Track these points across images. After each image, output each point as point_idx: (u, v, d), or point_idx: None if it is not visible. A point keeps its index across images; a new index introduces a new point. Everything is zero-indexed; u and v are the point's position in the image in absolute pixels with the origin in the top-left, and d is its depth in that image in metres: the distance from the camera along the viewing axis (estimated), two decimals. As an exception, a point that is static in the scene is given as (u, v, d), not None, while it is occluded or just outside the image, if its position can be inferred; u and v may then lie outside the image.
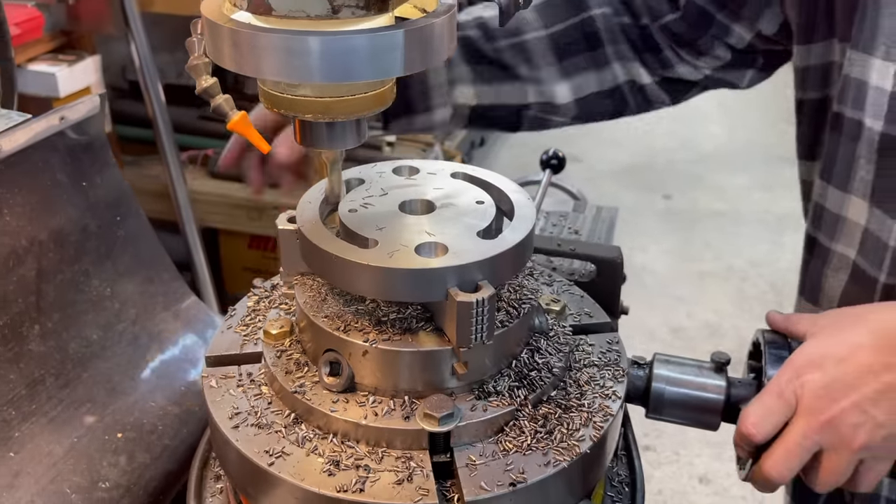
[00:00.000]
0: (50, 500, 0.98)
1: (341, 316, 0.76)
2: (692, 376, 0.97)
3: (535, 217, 0.78)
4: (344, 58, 0.62)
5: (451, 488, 0.71)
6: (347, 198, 0.81)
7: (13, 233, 1.04)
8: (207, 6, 0.66)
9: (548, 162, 1.43)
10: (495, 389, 0.76)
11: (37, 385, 1.04)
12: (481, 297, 0.68)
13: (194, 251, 2.84)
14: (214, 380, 0.80)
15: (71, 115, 1.12)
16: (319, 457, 0.71)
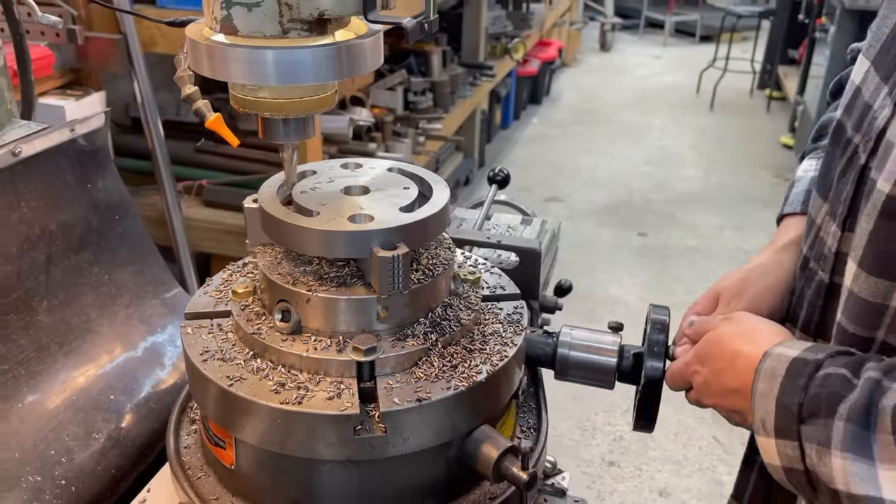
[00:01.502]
0: (51, 445, 1.16)
1: (292, 274, 0.96)
2: (591, 342, 1.16)
3: (447, 200, 0.99)
4: (291, 66, 0.83)
5: (373, 408, 0.90)
6: (301, 184, 1.02)
7: (29, 222, 1.24)
8: (191, 30, 0.88)
9: (494, 178, 1.63)
10: (412, 333, 0.95)
11: (43, 350, 1.23)
12: (398, 254, 0.88)
13: (187, 274, 3.04)
14: (191, 328, 1.00)
15: (80, 128, 1.33)
16: (269, 381, 0.90)
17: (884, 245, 0.87)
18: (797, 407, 0.83)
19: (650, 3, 10.62)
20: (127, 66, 2.74)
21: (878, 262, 0.88)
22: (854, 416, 0.78)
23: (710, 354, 1.01)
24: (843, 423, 0.78)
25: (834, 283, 0.99)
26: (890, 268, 0.87)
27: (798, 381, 0.84)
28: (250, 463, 0.95)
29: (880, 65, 0.92)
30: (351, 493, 0.93)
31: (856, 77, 0.98)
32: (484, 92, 5.33)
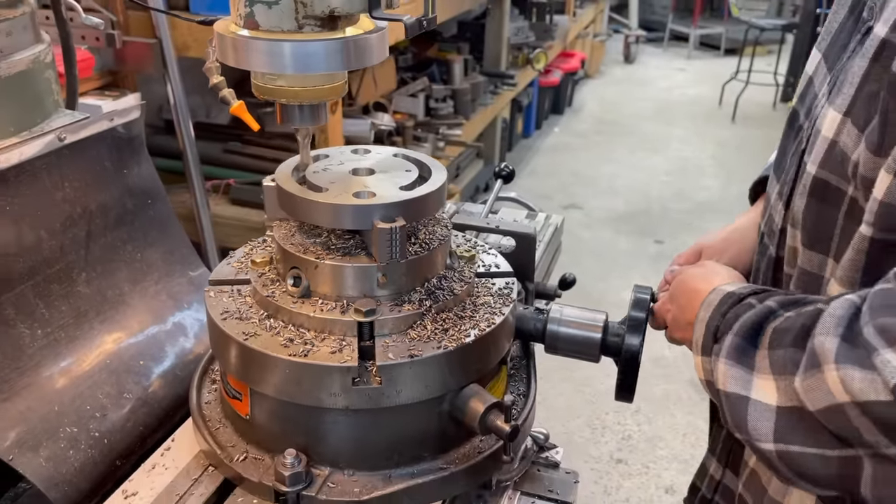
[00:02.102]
0: (86, 401, 1.28)
1: (303, 244, 1.07)
2: (578, 319, 1.26)
3: (443, 181, 1.10)
4: (305, 57, 0.95)
5: (371, 364, 1.00)
6: (314, 165, 1.14)
7: (71, 202, 1.37)
8: (219, 25, 1.00)
9: (499, 173, 1.73)
10: (409, 299, 1.06)
11: (81, 317, 1.35)
12: (395, 226, 0.99)
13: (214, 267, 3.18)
14: (213, 292, 1.12)
15: (118, 118, 1.46)
16: (280, 337, 1.02)
17: (814, 222, 0.97)
18: (714, 328, 0.94)
19: (675, 17, 10.68)
20: (161, 69, 2.88)
21: (811, 237, 0.98)
22: (742, 332, 0.90)
23: (676, 293, 1.15)
24: (733, 337, 0.91)
25: (779, 258, 1.09)
26: (821, 243, 0.97)
27: (721, 308, 0.96)
28: (263, 413, 1.06)
29: (828, 56, 1.01)
30: (352, 441, 1.03)
31: (809, 68, 1.07)
32: (505, 100, 5.45)
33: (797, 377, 0.82)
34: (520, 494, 1.38)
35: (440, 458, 1.07)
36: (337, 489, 1.02)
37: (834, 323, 0.79)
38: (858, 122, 0.88)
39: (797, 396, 0.82)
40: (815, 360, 0.80)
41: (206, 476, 1.09)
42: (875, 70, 0.87)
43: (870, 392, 0.74)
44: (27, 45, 1.31)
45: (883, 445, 0.76)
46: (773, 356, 0.86)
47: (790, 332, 0.85)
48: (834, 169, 0.93)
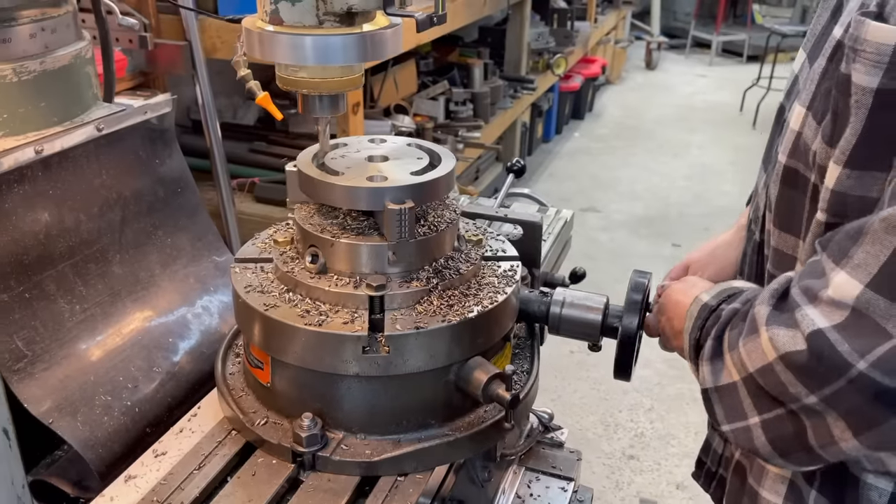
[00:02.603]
0: (120, 373, 1.38)
1: (321, 224, 1.16)
2: (580, 301, 1.33)
3: (451, 168, 1.18)
4: (325, 49, 1.04)
5: (380, 335, 1.08)
6: (333, 152, 1.22)
7: (107, 188, 1.47)
8: (246, 21, 1.09)
9: (511, 168, 1.81)
10: (417, 277, 1.14)
11: (115, 296, 1.45)
12: (405, 207, 1.07)
13: (237, 262, 3.29)
14: (238, 268, 1.21)
15: (151, 111, 1.56)
16: (298, 309, 1.10)
17: (786, 206, 1.06)
18: (696, 339, 1.05)
19: (697, 23, 10.70)
20: (191, 70, 2.99)
21: (783, 221, 1.07)
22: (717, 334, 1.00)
23: (664, 306, 1.23)
24: (710, 341, 1.01)
25: (762, 241, 1.18)
26: (791, 225, 1.06)
27: (699, 321, 1.05)
28: (282, 380, 1.15)
29: (813, 56, 1.08)
30: (364, 406, 1.12)
31: (795, 66, 1.15)
32: (524, 104, 5.52)
33: (740, 344, 0.93)
34: (524, 469, 1.45)
35: (446, 426, 1.15)
36: (349, 451, 1.11)
37: (769, 294, 0.91)
38: (817, 115, 0.98)
39: (742, 363, 0.92)
40: (753, 325, 0.91)
41: (230, 439, 1.18)
42: (830, 68, 0.96)
43: (790, 344, 0.84)
44: (69, 42, 1.41)
45: (803, 395, 0.85)
46: (729, 337, 0.97)
47: (741, 313, 0.97)
48: (800, 158, 1.02)
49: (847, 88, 0.88)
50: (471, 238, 1.27)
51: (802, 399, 0.85)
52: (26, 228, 1.30)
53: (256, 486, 1.08)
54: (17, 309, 1.26)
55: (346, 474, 1.09)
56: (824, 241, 0.88)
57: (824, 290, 0.83)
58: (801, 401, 0.86)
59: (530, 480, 1.44)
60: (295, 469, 1.10)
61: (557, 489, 1.43)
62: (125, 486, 1.10)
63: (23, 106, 1.32)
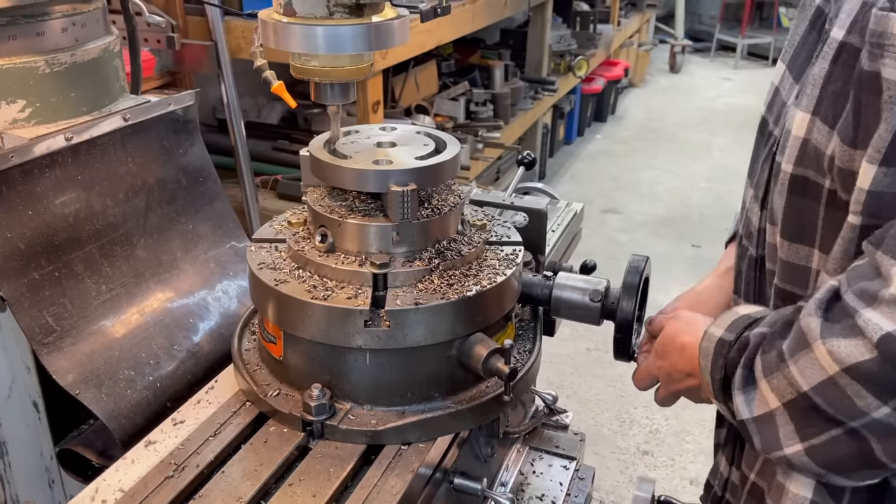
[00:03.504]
0: (142, 350, 1.45)
1: (331, 206, 1.22)
2: (580, 285, 1.38)
3: (454, 154, 1.23)
4: (335, 38, 1.10)
5: (381, 311, 1.14)
6: (344, 138, 1.29)
7: (133, 175, 1.54)
8: (262, 13, 1.16)
9: (521, 161, 1.86)
10: (420, 257, 1.20)
11: (139, 278, 1.52)
12: (407, 189, 1.13)
13: (260, 257, 3.37)
14: (254, 247, 1.27)
15: (175, 103, 1.64)
16: (306, 284, 1.16)
17: (795, 216, 1.04)
18: (721, 379, 1.02)
19: (722, 27, 10.66)
20: (216, 70, 3.09)
21: (794, 231, 1.05)
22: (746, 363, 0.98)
23: (665, 350, 1.22)
24: (741, 370, 0.98)
25: (761, 257, 1.16)
26: (803, 235, 1.03)
27: (719, 360, 1.03)
28: (293, 353, 1.21)
29: (793, 67, 1.09)
30: (370, 379, 1.17)
31: (775, 79, 1.16)
32: (545, 106, 5.56)
33: (789, 363, 0.87)
34: (528, 448, 1.51)
35: (449, 399, 1.20)
36: (356, 420, 1.16)
37: (815, 305, 0.86)
38: (827, 119, 0.95)
39: (791, 383, 0.87)
40: (803, 340, 0.86)
41: (244, 409, 1.24)
42: (836, 71, 0.95)
43: (856, 355, 0.79)
44: (99, 36, 1.49)
45: (873, 408, 0.80)
46: (764, 361, 0.93)
47: (776, 334, 0.93)
48: (809, 164, 0.99)
49: (874, 86, 0.86)
50: (475, 223, 1.32)
51: (871, 412, 0.81)
52: (56, 211, 1.37)
53: (268, 452, 1.15)
54: (47, 287, 1.34)
55: (353, 442, 1.15)
56: (876, 239, 0.84)
57: (885, 289, 0.79)
58: (868, 415, 0.81)
59: (533, 459, 1.49)
60: (304, 437, 1.16)
61: (560, 467, 1.47)
62: (145, 450, 1.17)
63: (54, 96, 1.40)
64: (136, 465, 1.13)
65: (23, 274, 1.30)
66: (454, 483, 1.23)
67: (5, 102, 1.34)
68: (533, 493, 1.44)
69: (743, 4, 10.38)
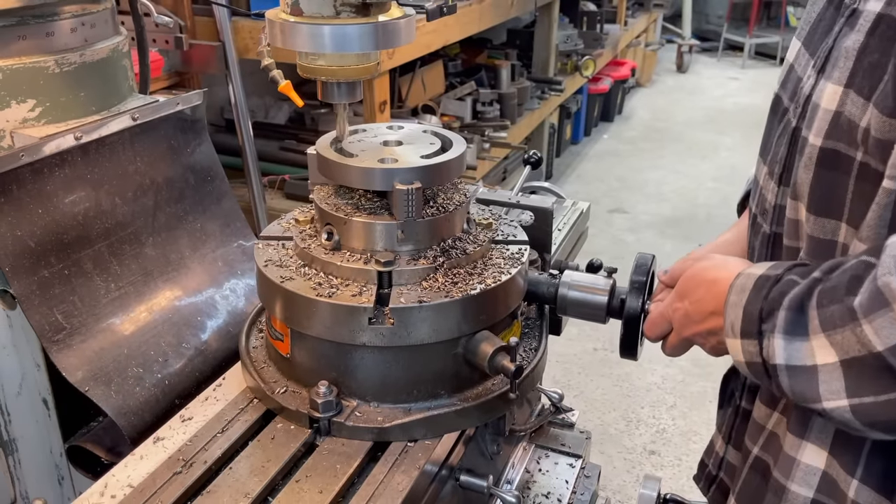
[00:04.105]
0: (151, 347, 1.46)
1: (337, 204, 1.23)
2: (586, 283, 1.38)
3: (460, 153, 1.24)
4: (341, 37, 1.11)
5: (385, 308, 1.14)
6: (351, 137, 1.30)
7: (142, 173, 1.56)
8: (270, 13, 1.17)
9: (527, 160, 1.86)
10: (424, 256, 1.20)
11: (148, 276, 1.53)
12: (412, 187, 1.14)
13: (267, 257, 3.38)
14: (261, 245, 1.28)
15: (183, 102, 1.65)
16: (311, 282, 1.17)
17: (824, 190, 1.02)
18: (759, 311, 0.96)
19: (730, 26, 10.63)
20: (224, 70, 3.10)
21: (821, 205, 1.03)
22: (793, 305, 0.93)
23: (689, 288, 1.16)
24: (785, 312, 0.94)
25: (776, 234, 1.15)
26: (831, 208, 1.02)
27: (761, 292, 0.97)
28: (300, 351, 1.22)
29: (809, 44, 1.10)
30: (376, 376, 1.18)
31: (790, 56, 1.16)
32: (552, 106, 5.56)
33: (864, 321, 0.85)
34: (534, 446, 1.51)
35: (455, 396, 1.21)
36: (363, 417, 1.17)
37: (893, 263, 0.83)
38: (863, 91, 0.94)
39: (863, 342, 0.85)
40: (883, 299, 0.83)
41: (252, 406, 1.25)
42: (873, 42, 0.95)
43: None
44: (108, 36, 1.51)
45: None
46: (822, 315, 0.89)
47: (840, 288, 0.88)
48: (840, 137, 0.98)
49: None
50: (481, 221, 1.33)
51: None
52: (66, 210, 1.39)
53: (275, 448, 1.15)
54: (56, 284, 1.36)
55: (359, 439, 1.15)
56: None
57: None
58: None
59: (539, 457, 1.50)
60: (311, 434, 1.17)
61: (566, 465, 1.48)
62: (154, 446, 1.18)
63: (64, 95, 1.41)
64: (145, 461, 1.14)
65: (33, 272, 1.32)
66: (460, 480, 1.23)
67: (15, 102, 1.35)
68: (539, 491, 1.45)
69: (750, 4, 10.35)
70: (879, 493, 1.00)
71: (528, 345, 1.38)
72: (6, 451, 1.42)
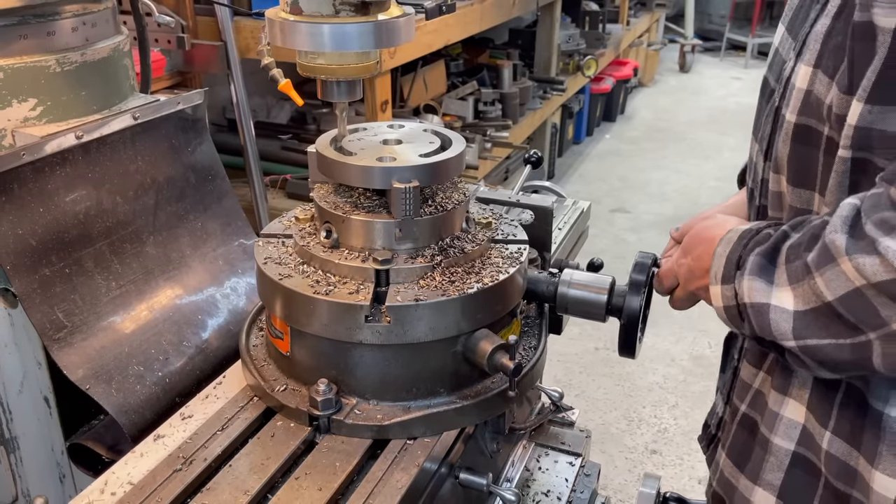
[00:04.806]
0: (152, 346, 1.47)
1: (336, 202, 1.23)
2: (586, 282, 1.38)
3: (458, 152, 1.24)
4: (341, 36, 1.11)
5: (382, 306, 1.14)
6: (352, 135, 1.30)
7: (143, 173, 1.56)
8: (269, 12, 1.17)
9: (528, 160, 1.86)
10: (422, 254, 1.20)
11: (149, 275, 1.54)
12: (409, 186, 1.14)
13: (269, 256, 3.39)
14: (261, 242, 1.29)
15: (184, 102, 1.65)
16: (309, 279, 1.18)
17: (799, 162, 1.10)
18: (737, 259, 1.06)
19: (732, 26, 10.61)
20: (226, 70, 3.10)
21: (798, 177, 1.11)
22: (763, 252, 1.03)
23: (692, 245, 1.24)
24: (755, 257, 1.03)
25: (763, 206, 1.21)
26: (806, 180, 1.09)
27: (742, 241, 1.08)
28: (300, 349, 1.22)
29: (791, 29, 1.15)
30: (375, 374, 1.18)
31: (775, 41, 1.21)
32: (554, 105, 5.56)
33: (816, 274, 0.94)
34: (534, 445, 1.51)
35: (455, 394, 1.21)
36: (362, 415, 1.17)
37: (840, 222, 0.93)
38: (828, 71, 1.02)
39: (816, 293, 0.95)
40: (829, 255, 0.93)
41: (252, 404, 1.25)
42: (837, 26, 1.02)
43: (881, 273, 0.88)
44: (109, 36, 1.51)
45: (894, 319, 0.89)
46: (789, 269, 0.99)
47: (802, 245, 0.98)
48: (811, 114, 1.06)
49: (866, 33, 0.93)
50: (480, 220, 1.33)
51: (892, 324, 0.89)
52: (67, 208, 1.39)
53: (275, 446, 1.16)
54: (58, 283, 1.36)
55: (359, 437, 1.16)
56: (889, 176, 0.91)
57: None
58: (889, 325, 0.89)
59: (539, 455, 1.50)
60: (311, 432, 1.17)
61: (565, 463, 1.48)
62: (154, 444, 1.18)
63: (65, 94, 1.42)
64: (145, 459, 1.15)
65: (34, 270, 1.32)
66: (459, 478, 1.23)
67: (17, 101, 1.36)
68: (538, 489, 1.45)
69: (753, 3, 10.33)
70: (849, 443, 1.07)
71: (528, 343, 1.38)
72: (8, 449, 1.42)
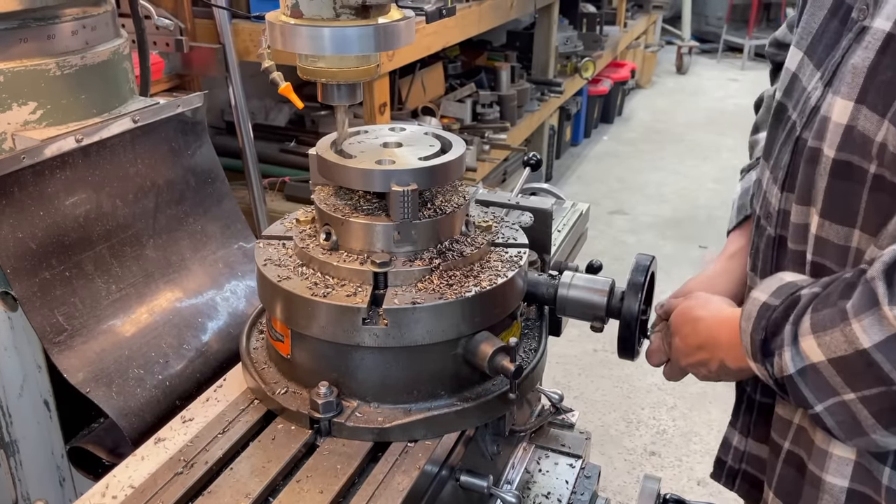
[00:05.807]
0: (152, 349, 1.47)
1: (336, 205, 1.23)
2: (585, 284, 1.38)
3: (458, 155, 1.24)
4: (341, 40, 1.11)
5: (380, 310, 1.14)
6: (352, 138, 1.30)
7: (143, 176, 1.56)
8: (270, 15, 1.17)
9: (527, 162, 1.87)
10: (420, 257, 1.20)
11: (149, 278, 1.54)
12: (408, 189, 1.14)
13: (267, 259, 3.39)
14: (262, 244, 1.29)
15: (184, 105, 1.65)
16: (308, 281, 1.18)
17: (837, 198, 1.07)
18: (760, 342, 1.06)
19: (729, 27, 10.64)
20: (224, 72, 3.11)
21: (836, 212, 1.08)
22: (795, 320, 1.01)
23: (678, 325, 1.29)
24: (789, 327, 1.01)
25: (780, 237, 1.20)
26: (845, 216, 1.07)
27: (761, 322, 1.06)
28: (300, 352, 1.22)
29: (812, 55, 1.12)
30: (375, 377, 1.18)
31: (790, 65, 1.18)
32: (552, 107, 5.57)
33: (853, 320, 0.92)
34: (534, 447, 1.51)
35: (455, 396, 1.21)
36: (363, 418, 1.17)
37: (881, 269, 0.91)
38: (876, 108, 0.99)
39: (850, 339, 0.92)
40: (873, 299, 0.90)
41: (252, 407, 1.25)
42: (885, 61, 0.99)
43: None
44: (108, 39, 1.51)
45: None
46: (815, 318, 0.97)
47: (833, 295, 0.96)
48: (854, 150, 1.03)
49: None
50: (480, 224, 1.33)
51: None
52: (67, 212, 1.39)
53: (276, 449, 1.16)
54: (58, 286, 1.36)
55: (360, 440, 1.16)
56: None
57: None
58: None
59: (539, 457, 1.50)
60: (312, 435, 1.17)
61: (566, 465, 1.48)
62: (155, 447, 1.18)
63: (65, 98, 1.42)
64: (146, 462, 1.15)
65: (34, 274, 1.32)
66: (460, 480, 1.23)
67: (17, 104, 1.36)
68: (539, 491, 1.45)
69: (750, 5, 10.35)
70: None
71: (528, 345, 1.38)
72: (7, 453, 1.42)
